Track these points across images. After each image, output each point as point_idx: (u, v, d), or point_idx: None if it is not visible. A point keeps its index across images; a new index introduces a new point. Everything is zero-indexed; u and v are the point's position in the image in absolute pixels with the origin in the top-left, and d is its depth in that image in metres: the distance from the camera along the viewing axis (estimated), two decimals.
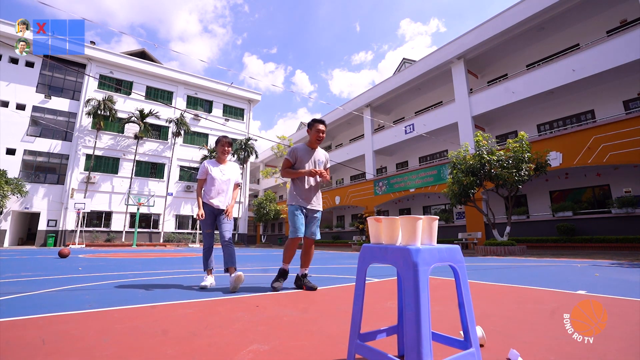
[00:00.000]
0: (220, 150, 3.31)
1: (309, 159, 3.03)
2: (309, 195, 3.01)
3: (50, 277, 3.89)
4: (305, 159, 3.02)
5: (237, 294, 2.75)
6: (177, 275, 4.16)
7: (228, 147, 3.32)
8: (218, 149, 3.31)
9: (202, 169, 3.21)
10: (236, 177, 3.37)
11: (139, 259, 7.65)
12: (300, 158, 3.01)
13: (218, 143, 3.30)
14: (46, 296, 2.57)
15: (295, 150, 3.04)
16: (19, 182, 19.27)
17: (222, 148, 3.31)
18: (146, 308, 2.13)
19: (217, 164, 3.30)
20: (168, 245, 22.25)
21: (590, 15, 13.52)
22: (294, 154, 3.03)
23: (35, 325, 1.70)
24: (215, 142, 3.32)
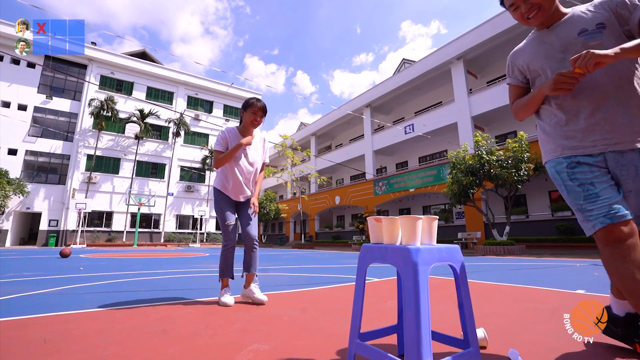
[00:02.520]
0: (250, 119, 2.33)
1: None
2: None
3: (52, 276, 3.90)
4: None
5: (237, 293, 2.75)
6: (178, 275, 4.17)
7: (262, 115, 2.36)
8: (246, 116, 2.34)
9: (222, 138, 2.34)
10: (265, 155, 2.55)
11: (139, 259, 7.66)
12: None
13: (248, 107, 2.33)
14: (47, 296, 2.58)
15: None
16: (20, 182, 19.31)
17: (252, 116, 2.33)
18: (147, 308, 2.13)
19: (239, 136, 2.39)
20: (169, 245, 22.27)
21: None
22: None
23: (37, 324, 1.70)
24: (244, 106, 2.36)
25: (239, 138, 2.37)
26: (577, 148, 1.07)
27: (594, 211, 1.00)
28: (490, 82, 17.54)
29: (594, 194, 1.01)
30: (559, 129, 1.12)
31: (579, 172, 1.05)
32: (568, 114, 1.09)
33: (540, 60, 1.13)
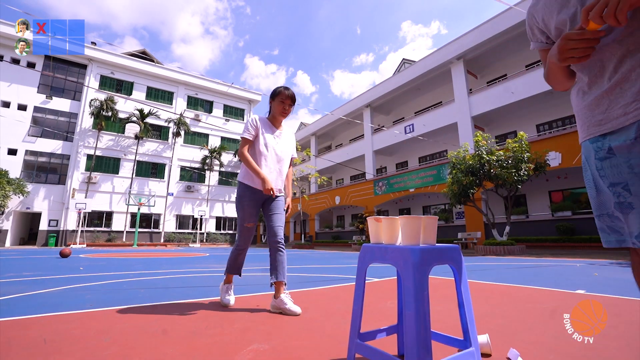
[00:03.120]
0: (279, 109, 2.17)
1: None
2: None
3: (52, 276, 3.90)
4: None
5: (237, 293, 2.75)
6: (178, 275, 4.17)
7: (290, 104, 2.19)
8: (275, 106, 2.18)
9: (252, 124, 2.13)
10: (293, 149, 2.33)
11: (139, 259, 7.66)
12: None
13: (276, 96, 2.16)
14: (47, 296, 2.58)
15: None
16: (20, 182, 19.31)
17: (280, 105, 2.17)
18: (147, 308, 2.13)
19: (272, 126, 2.22)
20: (169, 245, 22.27)
21: None
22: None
23: (37, 324, 1.70)
24: (272, 96, 2.19)
25: (270, 128, 2.19)
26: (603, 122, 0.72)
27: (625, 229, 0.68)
28: (490, 82, 17.55)
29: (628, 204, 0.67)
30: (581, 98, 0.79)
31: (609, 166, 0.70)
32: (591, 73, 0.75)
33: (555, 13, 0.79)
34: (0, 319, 1.81)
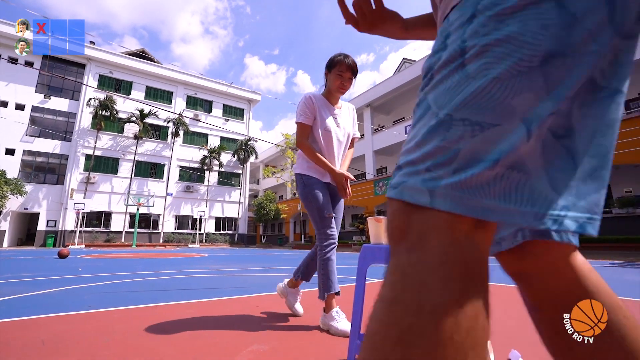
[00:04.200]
0: (336, 83, 1.75)
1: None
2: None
3: (50, 277, 3.88)
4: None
5: (237, 294, 2.75)
6: (177, 276, 4.16)
7: (350, 78, 1.76)
8: (331, 80, 1.77)
9: (307, 105, 1.76)
10: (355, 128, 1.94)
11: (138, 259, 7.64)
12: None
13: (333, 67, 1.75)
14: (45, 297, 2.57)
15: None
16: (18, 182, 19.25)
17: (338, 79, 1.74)
18: (146, 308, 2.12)
19: (329, 104, 1.83)
20: (168, 246, 22.24)
21: None
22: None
23: (35, 325, 1.69)
24: (328, 66, 1.78)
25: (327, 109, 1.81)
26: None
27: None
28: None
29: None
30: None
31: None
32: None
33: None
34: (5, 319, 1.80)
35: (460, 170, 0.32)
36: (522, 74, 0.31)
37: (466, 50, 0.34)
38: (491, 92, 0.32)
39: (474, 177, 0.31)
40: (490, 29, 0.33)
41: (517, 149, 0.32)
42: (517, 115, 0.31)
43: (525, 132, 0.32)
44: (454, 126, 0.33)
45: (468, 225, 0.32)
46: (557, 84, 0.32)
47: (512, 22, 0.32)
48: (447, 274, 0.29)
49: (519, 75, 0.31)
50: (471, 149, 0.32)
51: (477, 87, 0.32)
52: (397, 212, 0.35)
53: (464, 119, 0.32)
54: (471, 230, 0.32)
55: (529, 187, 0.33)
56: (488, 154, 0.31)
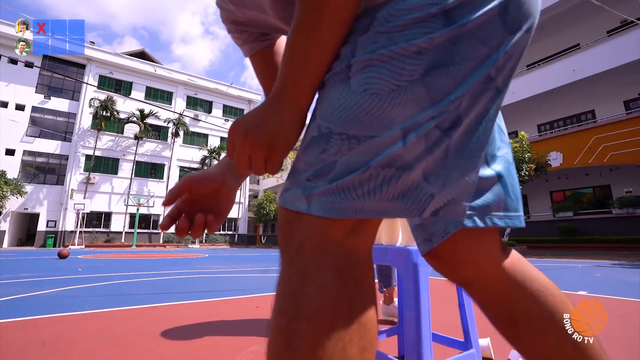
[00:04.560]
0: None
1: None
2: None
3: (50, 278, 3.88)
4: None
5: (237, 295, 2.74)
6: (177, 277, 4.15)
7: None
8: None
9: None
10: None
11: (138, 260, 7.64)
12: None
13: None
14: (45, 297, 2.57)
15: None
16: (18, 182, 19.24)
17: None
18: (146, 309, 2.12)
19: None
20: (168, 246, 22.23)
21: (590, 15, 13.55)
22: None
23: (35, 326, 1.69)
24: None
25: None
26: None
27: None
28: None
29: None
30: None
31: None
32: None
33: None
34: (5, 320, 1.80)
35: (335, 179, 0.33)
36: (401, 87, 0.32)
37: (352, 63, 0.34)
38: (370, 107, 0.32)
39: (347, 181, 0.32)
40: (377, 45, 0.33)
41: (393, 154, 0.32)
42: (396, 125, 0.32)
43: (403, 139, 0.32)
44: (333, 139, 0.33)
45: (342, 231, 0.33)
46: (442, 94, 0.33)
47: (399, 39, 0.33)
48: (322, 281, 0.30)
49: (399, 89, 0.32)
50: (348, 161, 0.33)
51: (357, 102, 0.33)
52: (282, 220, 0.36)
53: (342, 133, 0.33)
54: (345, 236, 0.33)
55: (402, 181, 0.33)
56: (363, 163, 0.32)
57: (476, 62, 0.34)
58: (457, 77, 0.33)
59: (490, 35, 0.34)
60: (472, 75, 0.34)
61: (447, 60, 0.33)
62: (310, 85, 0.37)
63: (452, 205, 0.36)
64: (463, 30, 0.33)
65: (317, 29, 0.35)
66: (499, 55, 0.35)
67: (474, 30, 0.33)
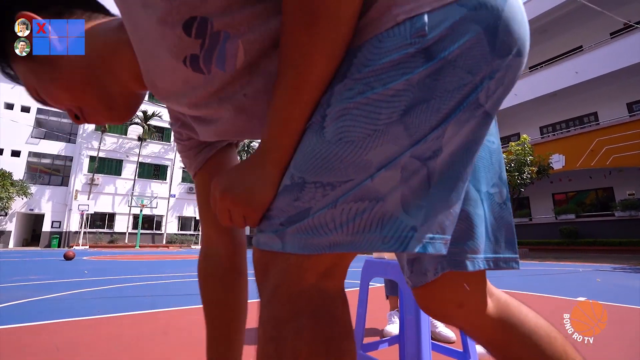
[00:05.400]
0: None
1: None
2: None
3: (58, 280, 3.95)
4: None
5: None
6: (181, 280, 4.21)
7: None
8: None
9: None
10: None
11: (142, 262, 7.72)
12: None
13: None
14: (55, 301, 2.63)
15: None
16: (23, 184, 19.45)
17: None
18: (153, 314, 2.18)
19: None
20: (171, 247, 22.36)
21: (593, 17, 13.54)
22: None
23: (48, 330, 1.75)
24: None
25: None
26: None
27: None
28: None
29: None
30: None
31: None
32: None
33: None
34: (14, 325, 1.86)
35: (308, 217, 0.32)
36: (378, 131, 0.31)
37: (327, 114, 0.33)
38: (345, 154, 0.32)
39: (319, 217, 0.32)
40: (353, 92, 0.32)
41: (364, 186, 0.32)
42: (373, 166, 0.32)
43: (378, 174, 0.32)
44: (307, 188, 0.33)
45: (316, 273, 0.34)
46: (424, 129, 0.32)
47: (376, 83, 0.31)
48: (298, 325, 0.32)
49: (376, 132, 0.31)
50: (321, 204, 0.32)
51: (332, 151, 0.32)
52: (257, 262, 0.36)
53: (316, 181, 0.32)
54: (319, 278, 0.34)
55: (379, 213, 0.32)
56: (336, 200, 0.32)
57: (462, 91, 0.32)
58: (440, 110, 0.32)
59: (478, 62, 0.32)
60: (458, 107, 0.32)
61: (427, 96, 0.31)
62: (291, 144, 0.36)
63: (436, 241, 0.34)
64: (445, 63, 0.31)
65: (299, 92, 0.34)
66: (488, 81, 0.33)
67: (458, 61, 0.32)
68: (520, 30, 0.35)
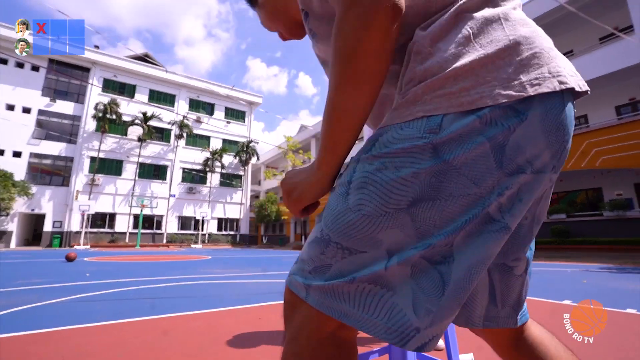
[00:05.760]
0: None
1: None
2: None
3: (61, 284, 4.04)
4: None
5: (240, 304, 2.88)
6: (182, 282, 4.29)
7: None
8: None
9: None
10: None
11: (143, 262, 7.81)
12: None
13: None
14: (59, 306, 2.71)
15: None
16: (25, 184, 19.53)
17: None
18: (154, 321, 2.27)
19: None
20: (171, 246, 22.45)
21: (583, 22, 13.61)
22: None
23: (53, 339, 1.84)
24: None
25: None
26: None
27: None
28: None
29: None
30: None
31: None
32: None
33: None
34: (18, 332, 1.94)
35: (330, 279, 0.38)
36: (389, 214, 0.36)
37: (352, 180, 0.39)
38: (361, 226, 0.37)
39: (337, 285, 0.37)
40: (372, 168, 0.38)
41: (377, 272, 0.36)
42: (383, 246, 0.36)
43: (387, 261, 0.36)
44: (330, 246, 0.39)
45: (333, 325, 0.39)
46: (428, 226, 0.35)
47: (390, 166, 0.36)
48: None
49: (387, 214, 0.36)
50: (340, 267, 0.38)
51: (351, 219, 0.37)
52: (286, 299, 0.43)
53: (338, 242, 0.38)
54: (337, 328, 0.39)
55: (389, 302, 0.36)
56: (351, 272, 0.37)
57: (467, 199, 0.35)
58: (444, 212, 0.35)
59: (483, 175, 0.34)
60: (463, 214, 0.35)
61: (432, 195, 0.35)
62: (336, 161, 0.43)
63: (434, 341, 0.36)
64: (449, 167, 0.34)
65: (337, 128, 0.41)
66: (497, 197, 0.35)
67: (463, 168, 0.34)
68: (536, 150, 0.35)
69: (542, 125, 0.36)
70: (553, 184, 0.42)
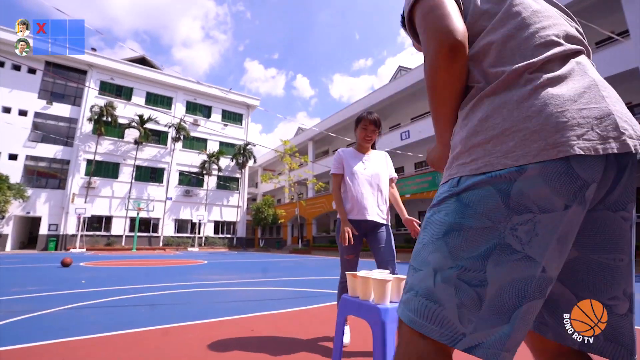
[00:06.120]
0: (362, 135, 2.13)
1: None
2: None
3: (56, 292, 4.03)
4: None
5: (233, 314, 2.90)
6: (177, 290, 4.30)
7: (373, 130, 2.12)
8: (358, 133, 2.15)
9: (337, 161, 2.15)
10: (389, 170, 2.23)
11: (139, 268, 7.78)
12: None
13: (358, 123, 2.15)
14: (55, 317, 2.72)
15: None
16: (20, 187, 19.40)
17: (363, 132, 2.12)
18: (147, 332, 2.28)
19: (358, 153, 2.18)
20: (167, 249, 22.35)
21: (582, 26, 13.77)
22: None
23: (49, 353, 1.85)
24: (356, 122, 2.18)
25: (355, 157, 2.14)
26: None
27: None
28: None
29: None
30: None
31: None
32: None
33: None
34: (17, 345, 1.95)
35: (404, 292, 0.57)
36: (432, 242, 0.53)
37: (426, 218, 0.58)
38: (420, 251, 0.55)
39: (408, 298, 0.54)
40: (429, 213, 0.57)
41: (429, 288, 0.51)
42: (430, 266, 0.52)
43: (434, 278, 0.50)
44: (410, 270, 0.57)
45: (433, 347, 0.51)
46: (459, 250, 0.49)
47: (435, 210, 0.56)
48: None
49: (431, 241, 0.53)
50: (410, 282, 0.56)
51: (417, 248, 0.57)
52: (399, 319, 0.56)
53: (412, 265, 0.57)
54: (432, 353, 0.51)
55: (440, 314, 0.49)
56: (414, 287, 0.54)
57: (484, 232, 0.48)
58: (468, 240, 0.48)
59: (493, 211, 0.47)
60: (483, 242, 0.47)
61: (459, 227, 0.50)
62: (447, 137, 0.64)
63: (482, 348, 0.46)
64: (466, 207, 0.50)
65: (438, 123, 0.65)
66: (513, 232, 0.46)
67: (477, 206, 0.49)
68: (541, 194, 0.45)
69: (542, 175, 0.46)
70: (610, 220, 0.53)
